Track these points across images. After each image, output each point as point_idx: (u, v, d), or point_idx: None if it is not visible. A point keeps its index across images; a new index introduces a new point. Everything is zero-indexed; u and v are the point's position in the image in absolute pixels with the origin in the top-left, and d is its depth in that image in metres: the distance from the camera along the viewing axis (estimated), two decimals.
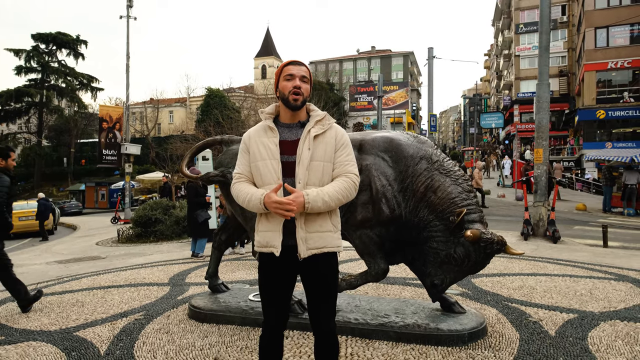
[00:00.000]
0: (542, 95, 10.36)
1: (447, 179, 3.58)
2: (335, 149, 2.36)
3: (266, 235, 2.31)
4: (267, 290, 2.37)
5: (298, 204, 2.15)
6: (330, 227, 2.33)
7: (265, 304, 2.39)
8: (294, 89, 2.32)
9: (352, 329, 3.72)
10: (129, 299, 5.34)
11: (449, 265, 3.48)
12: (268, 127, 2.38)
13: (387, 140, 3.79)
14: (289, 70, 2.36)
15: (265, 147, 2.33)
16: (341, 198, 2.28)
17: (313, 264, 2.29)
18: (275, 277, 2.35)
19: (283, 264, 2.31)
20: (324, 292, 2.35)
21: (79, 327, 4.28)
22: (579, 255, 7.94)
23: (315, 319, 2.37)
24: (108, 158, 20.90)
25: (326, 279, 2.35)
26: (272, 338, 2.37)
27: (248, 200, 2.27)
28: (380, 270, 3.71)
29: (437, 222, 3.52)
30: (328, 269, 2.35)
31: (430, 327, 3.59)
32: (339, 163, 2.36)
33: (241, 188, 2.34)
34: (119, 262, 8.63)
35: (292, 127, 2.40)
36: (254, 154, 2.36)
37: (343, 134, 2.44)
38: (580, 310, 4.43)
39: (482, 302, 4.75)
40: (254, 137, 2.40)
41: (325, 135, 2.36)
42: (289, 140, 2.35)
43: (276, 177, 2.28)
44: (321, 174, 2.30)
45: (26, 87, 44.15)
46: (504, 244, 3.37)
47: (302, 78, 2.36)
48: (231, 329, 4.03)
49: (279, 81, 2.40)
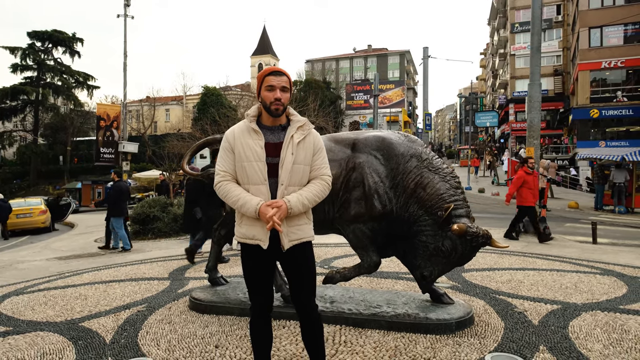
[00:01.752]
0: (534, 94, 10.58)
1: (436, 176, 3.78)
2: (313, 153, 2.61)
3: (253, 229, 2.53)
4: (252, 278, 2.63)
5: (282, 212, 2.42)
6: (305, 220, 2.63)
7: (251, 291, 2.65)
8: (275, 101, 2.52)
9: (346, 319, 3.91)
10: (131, 292, 5.52)
11: (437, 257, 3.68)
12: (253, 130, 2.56)
13: (379, 139, 3.99)
14: (270, 82, 2.54)
15: (252, 149, 2.51)
16: (317, 199, 2.58)
17: (293, 253, 2.56)
18: (258, 266, 2.60)
19: (265, 254, 2.55)
20: (304, 275, 2.63)
21: (83, 319, 4.46)
22: (567, 251, 8.16)
23: (298, 299, 2.65)
24: (105, 156, 21.02)
25: (305, 263, 2.63)
26: (261, 321, 2.64)
27: (240, 205, 2.49)
28: (372, 263, 3.91)
29: (427, 216, 3.72)
30: (306, 255, 2.63)
31: (419, 316, 3.79)
32: (316, 166, 2.62)
33: (231, 189, 2.54)
34: (118, 259, 8.80)
35: (274, 129, 2.60)
36: (239, 154, 2.54)
37: (319, 139, 2.69)
38: (564, 302, 4.64)
39: (470, 295, 4.95)
40: (239, 138, 2.56)
41: (305, 141, 2.59)
42: (272, 143, 2.56)
43: (262, 178, 2.50)
44: (301, 176, 2.56)
45: (22, 84, 44.01)
46: (489, 237, 3.57)
47: (283, 88, 2.55)
48: (230, 319, 4.22)
49: (260, 89, 2.59)
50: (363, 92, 58.67)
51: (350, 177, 3.89)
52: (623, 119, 30.03)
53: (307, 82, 47.53)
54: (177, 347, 3.62)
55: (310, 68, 67.52)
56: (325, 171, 2.66)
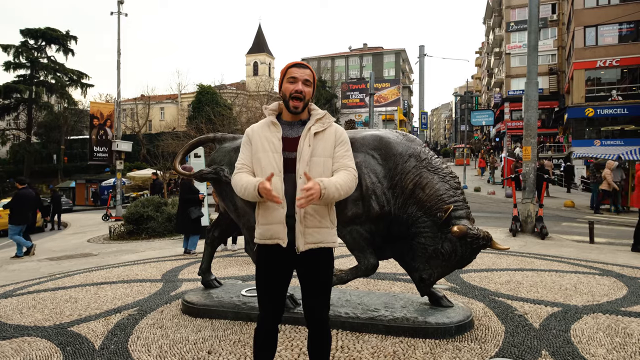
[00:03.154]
0: (531, 93, 10.52)
1: (435, 176, 3.67)
2: (334, 145, 2.44)
3: (271, 229, 2.37)
4: (266, 283, 2.44)
5: (316, 191, 2.16)
6: (328, 224, 2.42)
7: (263, 297, 2.45)
8: (295, 93, 2.39)
9: (343, 323, 3.81)
10: (122, 295, 5.39)
11: (436, 260, 3.58)
12: (271, 123, 2.46)
13: (377, 139, 3.88)
14: (292, 73, 2.42)
15: (268, 140, 2.40)
16: (347, 189, 2.33)
17: (310, 258, 2.38)
18: (274, 270, 2.42)
19: (282, 257, 2.39)
20: (320, 285, 2.44)
21: (73, 323, 4.33)
22: (565, 251, 8.10)
23: (310, 310, 2.46)
24: (99, 155, 20.78)
25: (322, 272, 2.44)
26: (268, 331, 2.44)
27: (244, 190, 2.34)
28: (370, 265, 3.80)
29: (425, 218, 3.62)
30: (324, 263, 2.44)
31: (418, 320, 3.69)
32: (338, 157, 2.43)
33: (240, 177, 2.40)
34: (111, 259, 8.66)
35: (293, 125, 2.48)
36: (256, 146, 2.43)
37: (343, 131, 2.54)
38: (564, 304, 4.56)
39: (469, 297, 4.86)
40: (257, 131, 2.47)
41: (325, 133, 2.44)
42: (290, 137, 2.43)
43: (277, 170, 2.35)
44: (322, 169, 2.37)
45: (15, 83, 43.63)
46: (490, 239, 3.47)
47: (305, 81, 2.42)
48: (224, 323, 4.10)
49: (283, 82, 2.47)
50: (358, 90, 58.57)
51: None
52: (618, 118, 30.11)
53: None
54: (169, 353, 3.50)
55: None
56: (350, 163, 2.43)
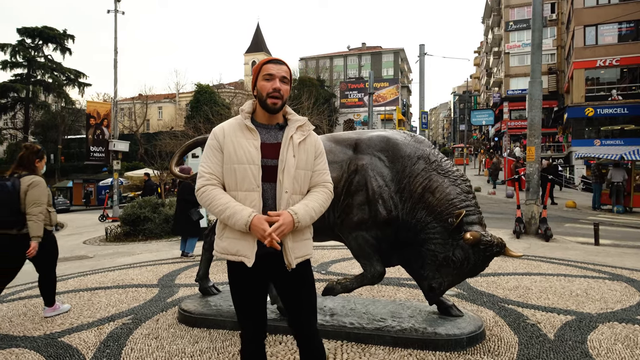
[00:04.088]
0: (535, 92, 10.33)
1: (445, 180, 3.48)
2: (314, 156, 2.31)
3: (237, 243, 2.16)
4: (242, 301, 2.26)
5: (288, 225, 2.09)
6: (309, 235, 2.32)
7: (241, 316, 2.27)
8: (273, 92, 2.19)
9: (348, 334, 3.62)
10: (117, 301, 5.19)
11: (447, 268, 3.38)
12: (247, 128, 2.22)
13: (384, 140, 3.68)
14: (269, 70, 2.22)
15: (245, 150, 2.16)
16: (322, 210, 2.29)
17: (295, 271, 2.23)
18: (250, 286, 2.23)
19: (258, 271, 2.19)
20: (304, 298, 2.30)
21: (64, 332, 4.13)
22: (571, 254, 7.93)
23: (297, 326, 2.31)
24: (96, 155, 20.55)
25: (307, 284, 2.31)
26: (253, 353, 2.27)
27: (228, 216, 2.11)
28: (376, 273, 3.61)
29: (435, 223, 3.42)
30: (307, 274, 2.32)
31: (427, 331, 3.51)
32: (318, 172, 2.33)
33: (217, 196, 2.15)
34: (106, 262, 8.46)
35: (270, 128, 2.28)
36: (229, 154, 2.18)
37: (320, 141, 2.39)
38: (577, 312, 4.38)
39: (478, 304, 4.68)
40: (229, 136, 2.21)
41: (306, 143, 2.28)
42: (268, 143, 2.23)
43: (255, 184, 2.15)
44: (303, 182, 2.26)
45: (12, 82, 43.37)
46: (504, 246, 3.28)
47: (283, 79, 2.23)
48: (223, 334, 3.91)
49: (257, 80, 2.27)
50: (357, 90, 58.34)
51: (352, 180, 3.59)
52: (617, 118, 30.00)
53: (301, 80, 47.16)
54: None
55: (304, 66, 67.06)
56: (328, 177, 2.37)
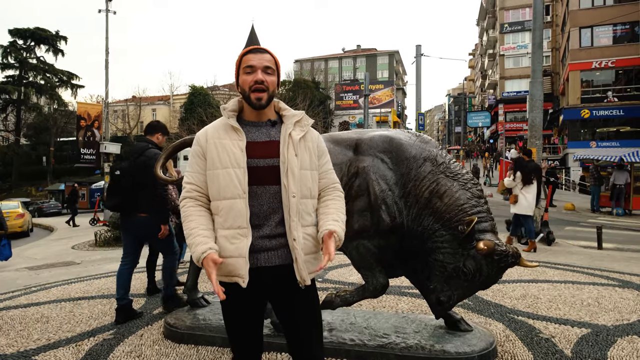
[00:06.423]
0: (535, 93, 10.10)
1: (454, 183, 3.18)
2: (318, 155, 2.02)
3: (230, 263, 1.85)
4: (235, 325, 1.96)
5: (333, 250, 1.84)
6: (319, 248, 1.99)
7: (233, 341, 1.98)
8: (255, 85, 1.89)
9: (348, 352, 3.32)
10: (100, 313, 4.86)
11: (457, 280, 3.07)
12: (231, 127, 1.93)
13: (387, 140, 3.39)
14: (249, 61, 1.92)
15: (228, 152, 1.88)
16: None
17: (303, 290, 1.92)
18: (242, 310, 1.93)
19: (253, 290, 1.88)
20: (312, 320, 1.99)
21: (39, 350, 3.80)
22: (576, 259, 7.68)
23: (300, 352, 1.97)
24: (86, 157, 20.16)
25: (314, 306, 2.01)
26: None
27: (189, 245, 1.85)
28: (379, 286, 3.32)
29: (444, 231, 3.12)
30: (314, 294, 2.01)
31: (435, 348, 3.21)
32: (325, 172, 2.04)
33: (188, 217, 1.90)
34: (93, 269, 8.11)
35: (260, 125, 1.98)
36: (212, 160, 1.90)
37: (321, 138, 2.10)
38: (592, 324, 4.10)
39: (485, 315, 4.39)
40: (212, 139, 1.93)
41: (306, 139, 1.99)
42: (259, 142, 1.93)
43: (240, 190, 1.84)
44: (311, 184, 1.95)
45: (3, 84, 42.87)
46: (519, 256, 3.00)
47: (266, 69, 1.92)
48: (212, 351, 3.59)
49: (239, 74, 1.97)
50: (352, 92, 58.14)
51: (353, 184, 3.29)
52: (613, 120, 29.94)
53: (295, 82, 46.93)
54: None
55: (299, 68, 66.85)
56: (335, 177, 2.12)
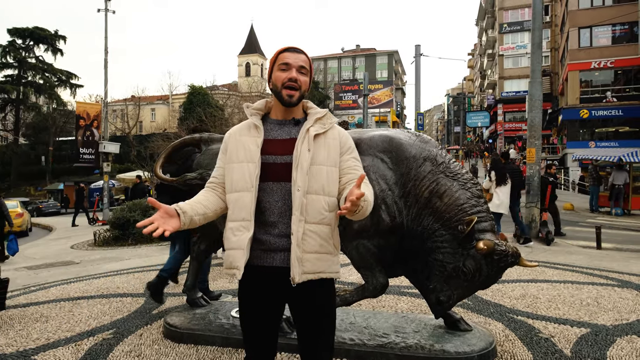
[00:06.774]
0: (535, 93, 10.10)
1: (454, 183, 3.18)
2: (340, 152, 1.97)
3: (230, 255, 1.91)
4: (250, 323, 1.94)
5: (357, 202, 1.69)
6: (331, 249, 1.93)
7: (247, 339, 1.97)
8: (289, 82, 1.92)
9: (348, 351, 3.32)
10: (99, 313, 4.86)
11: (456, 279, 3.08)
12: (253, 125, 1.99)
13: (387, 140, 3.39)
14: (285, 59, 1.95)
15: (245, 147, 1.94)
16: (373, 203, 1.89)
17: (307, 292, 1.88)
18: (260, 305, 1.92)
19: (271, 289, 1.90)
20: (320, 326, 1.93)
21: (38, 349, 3.80)
22: (575, 259, 7.69)
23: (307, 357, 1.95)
24: (85, 157, 20.14)
25: (323, 310, 1.94)
26: None
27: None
28: (379, 285, 3.32)
29: (444, 231, 3.12)
30: (325, 298, 1.94)
31: (435, 348, 3.21)
32: (350, 168, 1.97)
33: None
34: (93, 268, 8.11)
35: (284, 124, 2.00)
36: (230, 154, 1.99)
37: (347, 136, 2.06)
38: (591, 324, 4.11)
39: (485, 315, 4.39)
40: (234, 135, 2.03)
41: (326, 136, 1.96)
42: (278, 139, 1.95)
43: (250, 184, 1.87)
44: (325, 181, 1.90)
45: (2, 83, 42.83)
46: (519, 256, 3.00)
47: (300, 69, 1.95)
48: (211, 350, 3.60)
49: (272, 71, 1.99)
50: (351, 92, 58.25)
51: None
52: (612, 120, 29.97)
53: None
54: None
55: None
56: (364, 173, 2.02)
